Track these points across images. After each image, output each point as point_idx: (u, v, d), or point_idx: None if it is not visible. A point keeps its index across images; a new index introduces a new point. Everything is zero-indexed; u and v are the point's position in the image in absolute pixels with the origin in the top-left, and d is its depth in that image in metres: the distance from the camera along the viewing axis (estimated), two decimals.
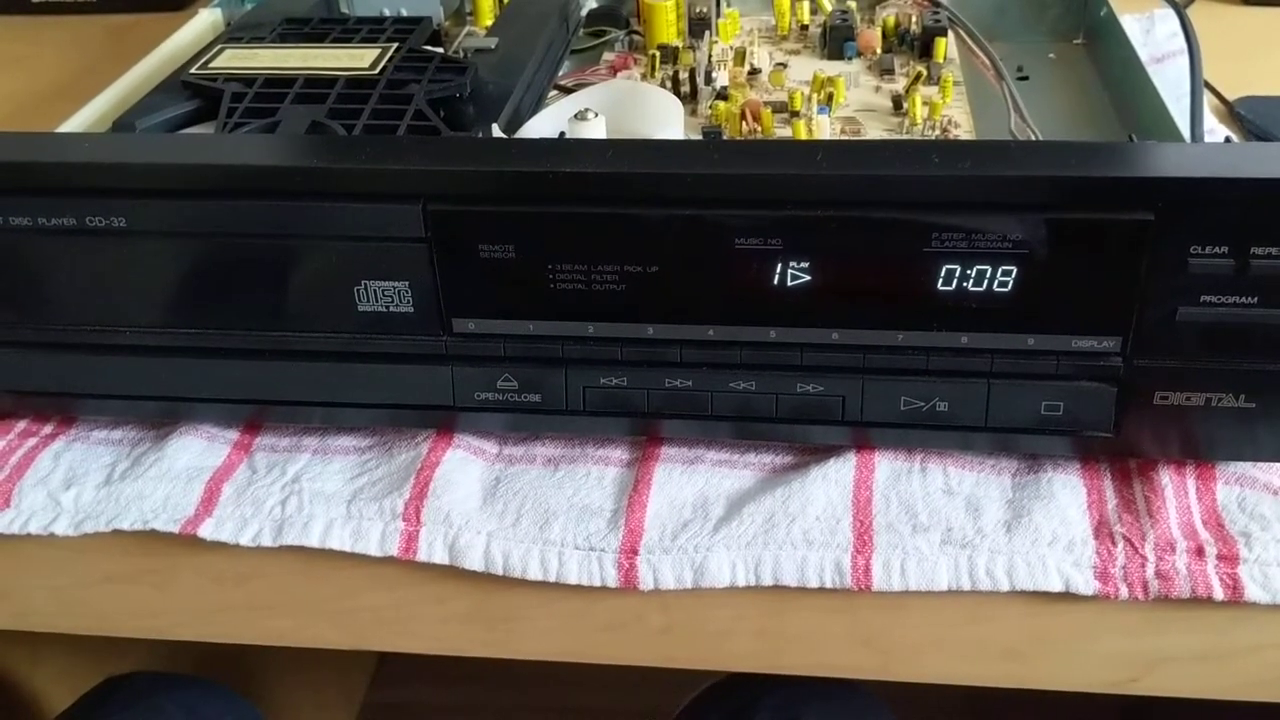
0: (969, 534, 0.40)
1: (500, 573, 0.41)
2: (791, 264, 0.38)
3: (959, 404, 0.40)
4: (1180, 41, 0.68)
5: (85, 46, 0.79)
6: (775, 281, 0.38)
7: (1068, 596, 0.39)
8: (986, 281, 0.38)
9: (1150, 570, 0.39)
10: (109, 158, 0.40)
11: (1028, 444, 0.42)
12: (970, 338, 0.39)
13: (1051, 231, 0.36)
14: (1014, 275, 0.37)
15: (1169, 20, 0.70)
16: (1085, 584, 0.39)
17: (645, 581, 0.40)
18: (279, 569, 0.43)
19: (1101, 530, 0.40)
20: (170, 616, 0.45)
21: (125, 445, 0.46)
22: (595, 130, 0.44)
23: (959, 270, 0.37)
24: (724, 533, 0.41)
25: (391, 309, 0.41)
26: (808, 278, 0.38)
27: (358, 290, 0.41)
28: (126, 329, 0.43)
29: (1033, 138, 0.47)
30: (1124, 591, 0.39)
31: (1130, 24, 0.62)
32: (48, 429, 0.47)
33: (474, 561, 0.41)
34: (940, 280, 0.38)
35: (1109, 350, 0.38)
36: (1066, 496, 0.41)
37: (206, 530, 0.42)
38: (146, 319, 0.43)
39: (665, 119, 0.47)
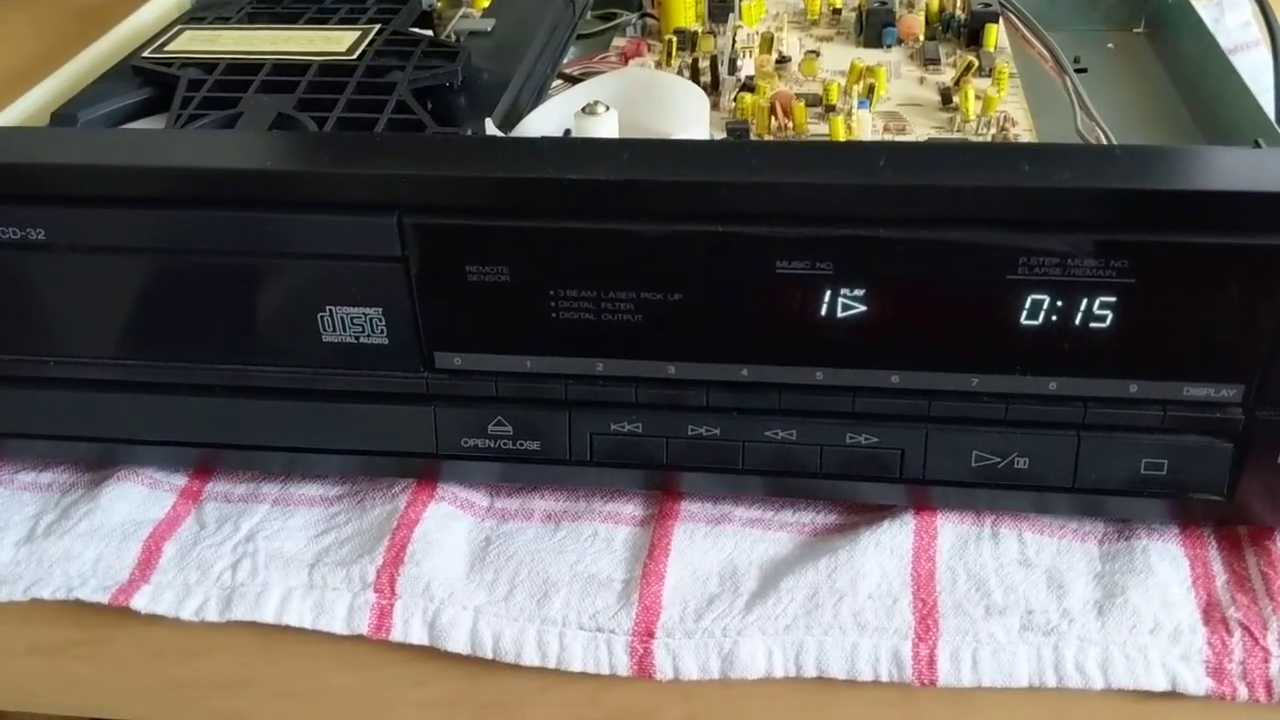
0: (1053, 617, 0.34)
1: (490, 656, 0.36)
2: (844, 292, 0.33)
3: (1042, 460, 0.35)
4: (1254, 31, 0.63)
5: (48, 30, 0.75)
6: (824, 313, 0.34)
7: (1173, 696, 0.34)
8: (1082, 316, 0.33)
9: (1275, 667, 0.33)
10: (22, 157, 0.35)
11: (1119, 507, 0.37)
12: (1060, 383, 0.34)
13: (1165, 256, 0.31)
14: (1115, 308, 0.32)
15: (1239, 9, 0.65)
16: (1196, 682, 0.33)
17: (663, 670, 0.35)
18: (231, 643, 0.38)
19: (1212, 614, 0.34)
20: (104, 694, 0.39)
21: (54, 491, 0.41)
22: (606, 127, 0.39)
23: (1048, 302, 0.32)
24: (758, 612, 0.35)
25: (362, 340, 0.36)
26: (863, 309, 0.33)
27: (322, 317, 0.36)
28: (52, 359, 0.38)
29: (1103, 138, 0.42)
30: (1242, 692, 0.33)
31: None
32: None
33: (458, 643, 0.36)
34: (1025, 313, 0.33)
35: (1228, 400, 0.33)
36: (1166, 570, 0.36)
37: (141, 601, 0.37)
38: (76, 348, 0.38)
39: (688, 114, 0.42)
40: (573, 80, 0.50)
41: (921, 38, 0.52)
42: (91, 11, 0.77)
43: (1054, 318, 0.32)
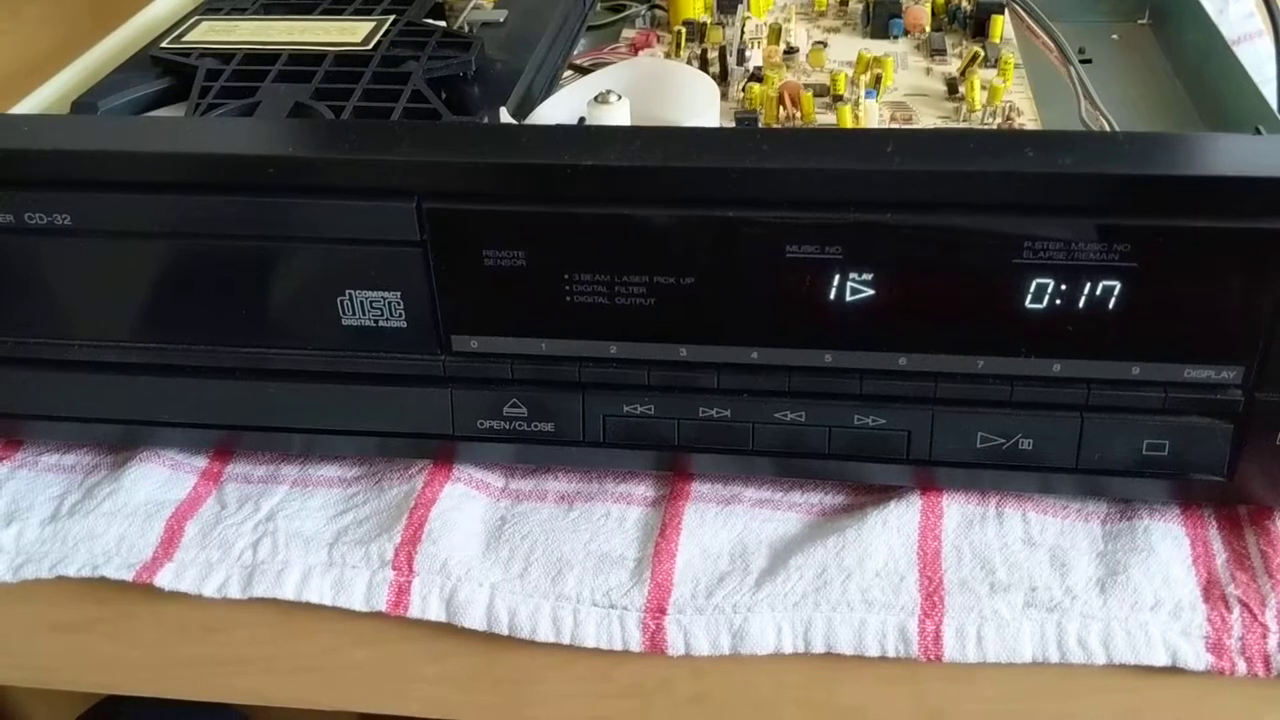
0: (1056, 594, 0.35)
1: (505, 632, 0.36)
2: (852, 276, 0.34)
3: (1046, 441, 0.36)
4: (1257, 22, 0.63)
5: (60, 21, 0.75)
6: (832, 296, 0.34)
7: (1173, 671, 0.34)
8: (1085, 299, 0.33)
9: (1273, 642, 0.34)
10: (48, 144, 0.35)
11: (1121, 487, 0.37)
12: (1063, 365, 0.34)
13: (1168, 241, 0.32)
14: (1118, 292, 0.33)
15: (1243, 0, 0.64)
16: (1196, 657, 0.34)
17: (675, 646, 0.35)
18: (250, 620, 0.38)
19: (1212, 591, 0.35)
20: (126, 671, 0.40)
21: (78, 473, 0.41)
22: (618, 115, 0.40)
23: (1052, 285, 0.33)
24: (767, 589, 0.35)
25: (381, 323, 0.36)
26: (871, 292, 0.34)
27: (342, 301, 0.36)
28: (76, 343, 0.38)
29: (1107, 127, 0.42)
30: (1241, 667, 0.34)
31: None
32: None
33: (475, 619, 0.36)
34: (1030, 297, 0.33)
35: (1228, 382, 0.34)
36: (1167, 549, 0.36)
37: (165, 578, 0.37)
38: (100, 332, 0.38)
39: (698, 103, 0.42)
40: (583, 71, 0.50)
41: (928, 29, 0.53)
42: (103, 2, 0.78)
43: (1058, 301, 0.33)
